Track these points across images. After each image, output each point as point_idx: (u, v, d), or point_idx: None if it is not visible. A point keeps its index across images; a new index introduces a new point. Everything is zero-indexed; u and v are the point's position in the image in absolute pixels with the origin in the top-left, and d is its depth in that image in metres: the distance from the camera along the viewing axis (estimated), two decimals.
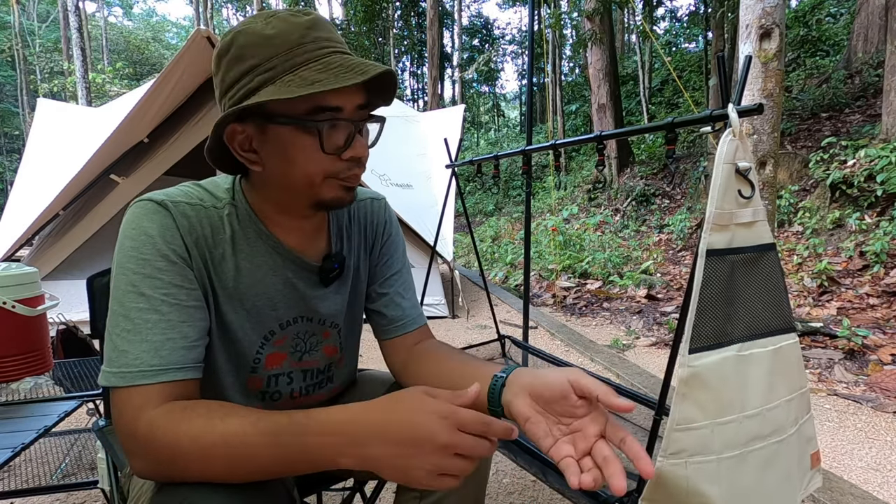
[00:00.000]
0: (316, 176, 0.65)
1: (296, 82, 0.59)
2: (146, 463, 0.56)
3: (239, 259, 0.69)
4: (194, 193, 0.68)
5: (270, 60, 0.60)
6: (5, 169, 21.18)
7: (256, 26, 0.61)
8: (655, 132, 1.06)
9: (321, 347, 0.80)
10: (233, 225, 0.69)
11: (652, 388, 2.42)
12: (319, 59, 0.61)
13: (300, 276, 0.74)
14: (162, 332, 0.59)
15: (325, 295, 0.77)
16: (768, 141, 3.02)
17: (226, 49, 0.62)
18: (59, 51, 20.02)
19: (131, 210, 0.64)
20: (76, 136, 4.68)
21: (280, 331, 0.75)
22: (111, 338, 0.59)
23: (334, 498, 1.53)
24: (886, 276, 3.66)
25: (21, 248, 3.90)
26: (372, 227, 0.86)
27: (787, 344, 0.78)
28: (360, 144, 0.66)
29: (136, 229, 0.62)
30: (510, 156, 1.61)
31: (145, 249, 0.61)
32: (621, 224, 8.10)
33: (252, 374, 0.75)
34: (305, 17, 0.62)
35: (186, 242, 0.64)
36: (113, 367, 0.58)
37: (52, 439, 1.90)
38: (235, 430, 0.54)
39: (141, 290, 0.60)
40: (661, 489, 0.72)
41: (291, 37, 0.60)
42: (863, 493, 1.55)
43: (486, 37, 26.98)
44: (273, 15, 0.62)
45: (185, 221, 0.65)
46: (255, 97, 0.59)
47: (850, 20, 9.74)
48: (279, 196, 0.69)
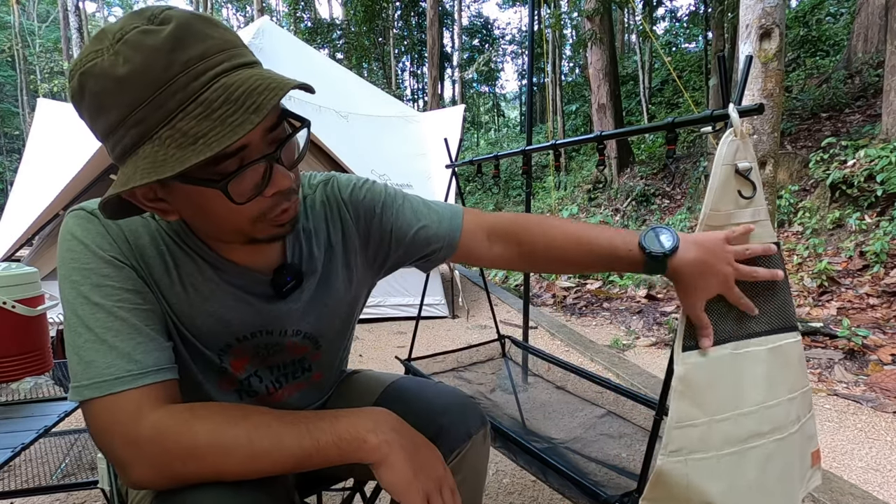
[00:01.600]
0: (241, 224, 0.57)
1: (176, 140, 0.47)
2: (152, 469, 0.53)
3: (182, 275, 0.64)
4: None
5: (136, 112, 0.47)
6: (5, 169, 21.18)
7: (104, 62, 0.47)
8: (655, 132, 1.06)
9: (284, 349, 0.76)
10: (167, 240, 0.63)
11: (652, 388, 2.42)
12: (196, 96, 0.48)
13: (251, 290, 0.68)
14: (129, 338, 0.56)
15: (283, 307, 0.70)
16: (768, 141, 3.02)
17: (78, 95, 0.50)
18: (59, 51, 20.03)
19: (65, 222, 0.60)
20: (76, 136, 4.68)
21: (237, 343, 0.70)
22: (75, 352, 0.55)
23: (334, 498, 1.53)
24: (886, 276, 3.66)
25: (21, 248, 3.90)
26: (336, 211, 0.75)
27: (787, 342, 0.78)
28: (280, 176, 0.55)
29: (71, 240, 0.59)
30: (510, 156, 1.61)
31: (87, 259, 0.58)
32: (621, 224, 8.10)
33: (222, 375, 0.73)
34: (162, 32, 0.47)
35: (122, 250, 0.60)
36: (83, 380, 0.54)
37: (52, 439, 1.90)
38: (258, 421, 0.56)
39: (93, 300, 0.56)
40: (661, 487, 0.72)
41: (152, 74, 0.46)
42: (863, 493, 1.55)
43: (486, 37, 26.98)
44: (121, 39, 0.47)
45: (117, 229, 0.60)
46: (132, 165, 0.49)
47: (850, 20, 9.74)
48: (209, 235, 0.63)
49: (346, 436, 0.58)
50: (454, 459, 0.76)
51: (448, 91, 26.37)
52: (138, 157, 0.49)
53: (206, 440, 0.53)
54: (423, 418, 0.76)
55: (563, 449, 1.20)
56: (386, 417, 0.63)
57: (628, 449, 1.21)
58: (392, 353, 3.15)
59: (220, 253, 0.65)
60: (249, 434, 0.55)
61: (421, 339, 1.77)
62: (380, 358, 3.12)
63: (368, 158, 4.16)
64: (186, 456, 0.53)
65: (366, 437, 0.58)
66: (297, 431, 0.57)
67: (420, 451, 0.62)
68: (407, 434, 0.63)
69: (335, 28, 20.20)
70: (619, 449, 1.22)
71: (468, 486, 0.76)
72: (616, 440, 1.26)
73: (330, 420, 0.59)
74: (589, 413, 1.41)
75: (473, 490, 0.80)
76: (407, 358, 1.64)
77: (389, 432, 0.60)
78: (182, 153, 0.47)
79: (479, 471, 0.82)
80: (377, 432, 0.59)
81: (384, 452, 0.58)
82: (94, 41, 0.49)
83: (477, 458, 0.80)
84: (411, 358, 1.65)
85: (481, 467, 0.83)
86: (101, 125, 0.50)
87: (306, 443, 0.56)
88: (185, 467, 0.53)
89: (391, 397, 0.85)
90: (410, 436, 0.63)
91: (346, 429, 0.59)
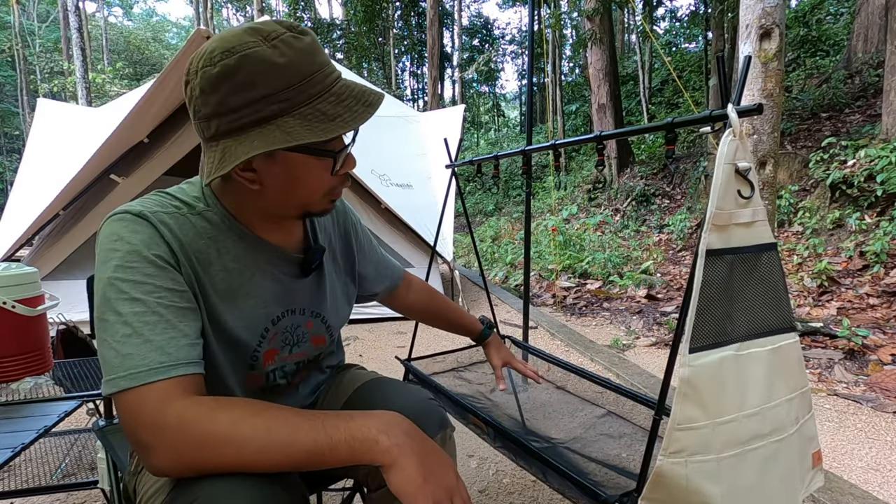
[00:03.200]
0: (317, 194, 0.70)
1: (317, 117, 0.61)
2: (174, 454, 0.56)
3: (226, 261, 0.70)
4: (167, 202, 0.69)
5: (284, 91, 0.60)
6: (5, 169, 21.18)
7: (264, 52, 0.59)
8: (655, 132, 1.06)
9: (308, 338, 0.83)
10: (213, 229, 0.70)
11: (652, 388, 2.42)
12: (330, 88, 0.63)
13: (284, 269, 0.77)
14: (163, 332, 0.60)
15: (304, 285, 0.80)
16: (768, 141, 3.02)
17: (231, 72, 0.59)
18: (59, 51, 20.02)
19: (108, 224, 0.64)
20: (76, 136, 4.68)
21: (272, 327, 0.77)
22: (110, 346, 0.59)
23: (334, 498, 1.53)
24: (886, 276, 3.66)
25: (21, 248, 3.89)
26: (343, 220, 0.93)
27: (786, 343, 0.78)
28: (351, 160, 0.71)
29: (118, 241, 0.62)
30: (510, 156, 1.61)
31: (130, 258, 0.61)
32: (621, 224, 8.10)
33: (251, 370, 0.76)
34: (306, 40, 0.62)
35: (173, 248, 0.65)
36: (119, 372, 0.57)
37: (52, 439, 1.90)
38: (277, 414, 0.59)
39: (134, 296, 0.60)
40: (660, 488, 0.72)
41: (302, 67, 0.61)
42: (863, 493, 1.55)
43: (486, 37, 26.98)
44: (277, 37, 0.60)
45: (166, 229, 0.65)
46: (277, 131, 0.60)
47: (850, 20, 9.74)
48: (268, 208, 0.71)
49: (359, 435, 0.59)
50: None
51: (448, 91, 26.37)
52: (277, 127, 0.60)
53: (225, 429, 0.56)
54: None
55: (562, 449, 1.20)
56: (399, 421, 0.63)
57: (628, 449, 1.21)
58: (392, 353, 3.15)
59: (260, 235, 0.73)
60: (268, 424, 0.57)
61: (421, 339, 1.77)
62: (380, 358, 3.12)
63: (368, 158, 4.16)
64: (206, 443, 0.56)
65: (378, 438, 0.59)
66: (313, 426, 0.59)
67: (431, 458, 0.62)
68: (419, 440, 0.63)
69: (335, 28, 20.21)
70: (619, 449, 1.21)
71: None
72: (616, 440, 1.26)
73: (345, 419, 0.61)
74: (589, 413, 1.41)
75: None
76: (407, 358, 1.64)
77: (401, 435, 0.61)
78: (326, 126, 0.61)
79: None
80: (389, 435, 0.60)
81: (395, 455, 0.59)
82: (246, 34, 0.60)
83: None
84: (411, 358, 1.65)
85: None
86: (241, 98, 0.60)
87: (321, 438, 0.58)
88: (204, 454, 0.56)
89: (357, 399, 0.87)
90: (422, 442, 0.63)
91: (359, 428, 0.60)
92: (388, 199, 3.97)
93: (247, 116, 0.60)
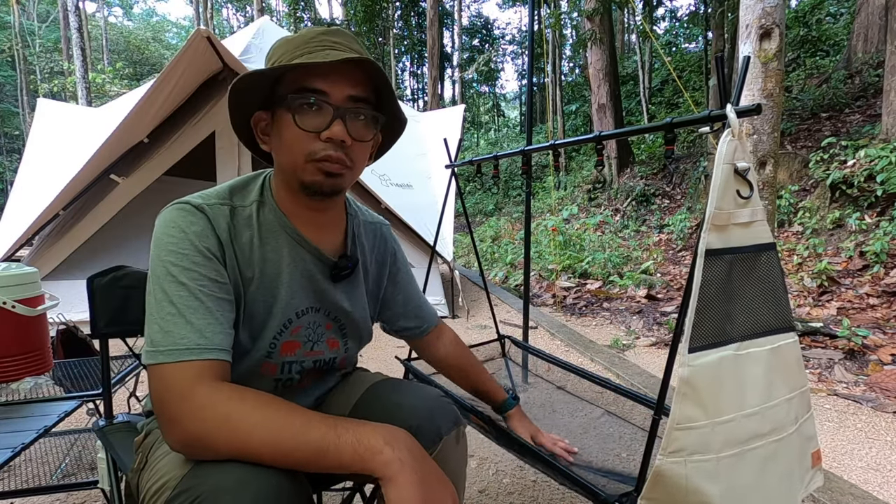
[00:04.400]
0: (298, 155, 0.72)
1: (284, 62, 0.69)
2: (193, 429, 0.60)
3: (266, 250, 0.76)
4: (225, 195, 0.76)
5: (283, 55, 0.70)
6: (5, 169, 21.18)
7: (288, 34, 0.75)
8: (655, 132, 1.06)
9: (325, 339, 0.86)
10: (260, 220, 0.76)
11: (652, 387, 2.42)
12: (315, 51, 0.69)
13: (316, 267, 0.81)
14: (203, 317, 0.65)
15: (332, 289, 0.83)
16: (768, 141, 3.03)
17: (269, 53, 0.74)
18: (59, 51, 20.02)
19: (169, 211, 0.71)
20: (76, 136, 4.69)
21: (296, 319, 0.80)
22: (156, 321, 0.64)
23: (334, 498, 1.53)
24: (886, 276, 3.66)
25: (21, 248, 3.89)
26: (383, 248, 0.97)
27: (785, 343, 0.78)
28: (338, 128, 0.70)
29: (175, 227, 0.68)
30: (510, 156, 1.61)
31: (183, 245, 0.68)
32: (621, 224, 8.10)
33: (267, 359, 0.79)
34: (328, 28, 0.73)
35: (221, 240, 0.71)
36: (160, 346, 0.63)
37: (52, 439, 1.90)
38: (294, 407, 0.63)
39: (181, 280, 0.66)
40: (660, 488, 0.72)
41: (306, 36, 0.71)
42: (863, 493, 1.56)
43: (486, 37, 26.98)
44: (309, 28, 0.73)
45: (219, 222, 0.72)
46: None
47: (850, 20, 9.74)
48: (283, 178, 0.77)
49: (365, 441, 0.61)
50: None
51: (448, 91, 26.38)
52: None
53: (245, 411, 0.60)
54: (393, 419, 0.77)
55: None
56: (405, 437, 0.64)
57: (628, 449, 1.22)
58: (392, 353, 3.15)
59: (300, 230, 0.78)
60: (284, 413, 0.61)
61: None
62: (380, 358, 3.12)
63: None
64: (225, 423, 0.59)
65: (382, 448, 0.61)
66: (325, 422, 0.62)
67: (431, 479, 0.62)
68: (421, 459, 0.63)
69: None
70: (618, 448, 1.22)
71: None
72: (616, 440, 1.26)
73: (354, 424, 0.63)
74: (589, 413, 1.41)
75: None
76: (407, 358, 1.64)
77: (404, 451, 0.62)
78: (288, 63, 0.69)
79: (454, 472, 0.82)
80: (394, 448, 0.61)
81: (395, 469, 0.60)
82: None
83: (450, 461, 0.80)
84: (411, 358, 1.65)
85: (457, 469, 0.83)
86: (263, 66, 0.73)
87: (330, 436, 0.60)
88: (222, 434, 0.59)
89: (368, 399, 0.87)
90: (424, 461, 0.64)
91: (366, 435, 0.62)
92: (388, 198, 3.97)
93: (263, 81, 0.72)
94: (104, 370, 1.06)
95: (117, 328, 1.02)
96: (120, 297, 1.01)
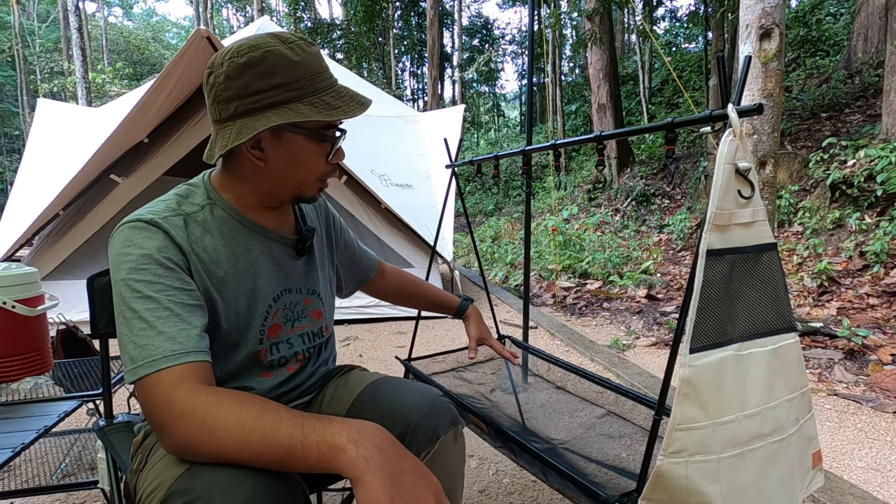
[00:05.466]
0: (311, 177, 0.80)
1: (322, 106, 0.74)
2: (180, 433, 0.61)
3: (233, 247, 0.79)
4: (173, 206, 0.76)
5: (297, 82, 0.73)
6: (5, 169, 21.16)
7: (283, 50, 0.72)
8: (655, 132, 1.06)
9: (308, 312, 0.90)
10: (216, 221, 0.78)
11: (652, 388, 2.42)
12: (332, 87, 0.77)
13: (281, 251, 0.85)
14: (174, 324, 0.66)
15: (300, 265, 0.89)
16: (768, 141, 3.02)
17: (256, 62, 0.71)
18: (59, 51, 20.02)
19: (121, 232, 0.71)
20: (76, 136, 4.68)
21: (274, 303, 0.84)
22: (130, 340, 0.65)
23: (334, 498, 1.53)
24: (886, 276, 3.66)
25: (21, 248, 3.89)
26: (324, 212, 1.02)
27: (786, 343, 0.78)
28: (341, 153, 0.82)
29: (130, 246, 0.69)
30: (510, 156, 1.61)
31: (143, 261, 0.68)
32: (621, 224, 8.10)
33: (259, 345, 0.82)
34: (314, 48, 0.76)
35: (183, 249, 0.72)
36: (138, 361, 0.64)
37: (52, 439, 1.90)
38: (268, 406, 0.63)
39: (147, 295, 0.67)
40: (660, 488, 0.72)
41: (312, 66, 0.74)
42: (863, 493, 1.55)
43: (486, 37, 26.96)
44: (293, 42, 0.73)
45: (176, 233, 0.72)
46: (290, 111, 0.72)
47: (850, 20, 9.74)
48: (268, 189, 0.80)
49: (329, 440, 0.59)
50: (423, 460, 0.76)
51: (448, 91, 26.37)
52: (289, 109, 0.72)
53: (223, 412, 0.61)
54: (391, 418, 0.79)
55: (562, 449, 1.20)
56: (374, 433, 0.61)
57: (628, 449, 1.21)
58: (392, 353, 3.15)
59: (258, 221, 0.82)
60: (259, 413, 0.61)
61: (421, 339, 1.77)
62: (380, 358, 3.12)
63: (368, 158, 4.16)
64: (206, 424, 0.60)
65: (345, 446, 0.58)
66: (294, 423, 0.61)
67: (405, 478, 0.59)
68: (392, 456, 0.60)
69: (335, 28, 20.19)
70: (619, 449, 1.22)
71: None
72: (616, 440, 1.26)
73: (324, 422, 0.61)
74: (589, 413, 1.41)
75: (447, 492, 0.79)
76: (407, 358, 1.64)
77: (371, 448, 0.58)
78: (330, 112, 0.74)
79: (452, 472, 0.82)
80: (358, 445, 0.58)
81: (360, 469, 0.57)
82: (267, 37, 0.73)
83: (448, 460, 0.80)
84: (411, 358, 1.65)
85: (455, 468, 0.83)
86: (262, 83, 0.71)
87: (297, 436, 0.59)
88: (204, 436, 0.60)
89: (366, 398, 0.88)
90: (397, 459, 0.60)
91: (331, 433, 0.59)
92: (388, 199, 3.97)
93: (266, 99, 0.71)
94: (104, 370, 1.06)
95: None
96: None
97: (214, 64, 0.74)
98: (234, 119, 0.73)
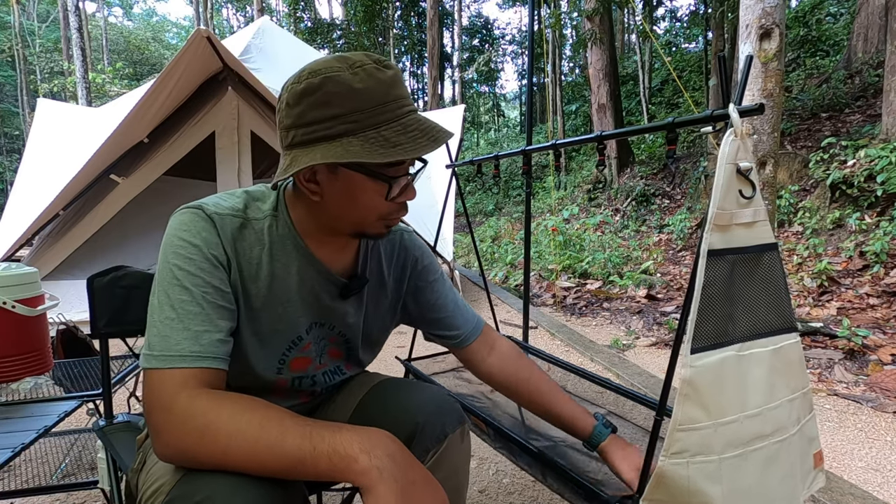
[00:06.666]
0: (371, 216, 0.72)
1: (379, 142, 0.65)
2: (176, 439, 0.59)
3: (275, 267, 0.75)
4: (239, 206, 0.74)
5: (355, 113, 0.65)
6: (5, 169, 21.16)
7: (345, 76, 0.64)
8: (655, 132, 1.05)
9: (327, 350, 0.86)
10: (272, 235, 0.75)
11: (652, 388, 2.42)
12: (399, 118, 0.67)
13: (326, 288, 0.80)
14: (201, 324, 0.65)
15: (340, 305, 0.83)
16: (768, 141, 3.02)
17: (313, 90, 0.65)
18: (59, 51, 20.01)
19: (182, 214, 0.70)
20: (76, 136, 4.68)
21: (306, 336, 0.80)
22: (155, 325, 0.64)
23: (334, 498, 1.53)
24: (886, 276, 3.66)
25: (21, 248, 3.89)
26: (403, 257, 0.92)
27: (787, 343, 0.78)
28: (412, 191, 0.74)
29: (185, 231, 0.68)
30: (510, 156, 1.61)
31: (191, 251, 0.67)
32: (621, 224, 8.10)
33: (278, 374, 0.80)
34: (388, 73, 0.67)
35: (227, 251, 0.70)
36: (155, 350, 0.63)
37: (52, 439, 1.90)
38: (273, 415, 0.60)
39: (184, 285, 0.65)
40: (662, 489, 0.72)
41: (376, 95, 0.65)
42: (863, 493, 1.55)
43: (486, 37, 26.95)
44: (360, 66, 0.65)
45: (228, 233, 0.71)
46: (339, 147, 0.64)
47: (850, 20, 9.74)
48: (327, 222, 0.75)
49: (340, 450, 0.58)
50: (431, 459, 0.76)
51: (448, 91, 26.37)
52: (340, 144, 0.64)
53: (224, 420, 0.59)
54: (398, 418, 0.77)
55: (563, 449, 1.20)
56: (386, 443, 0.60)
57: None
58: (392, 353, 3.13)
59: (312, 250, 0.77)
60: (262, 422, 0.59)
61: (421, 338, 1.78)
62: (380, 358, 3.10)
63: None
64: (205, 432, 0.58)
65: (358, 456, 0.57)
66: (302, 432, 0.59)
67: (416, 489, 0.59)
68: (404, 466, 0.60)
69: (335, 28, 20.18)
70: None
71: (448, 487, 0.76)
72: None
73: (332, 430, 0.60)
74: None
75: (453, 491, 0.79)
76: (407, 358, 1.64)
77: (384, 458, 0.58)
78: (385, 150, 0.64)
79: (458, 471, 0.82)
80: (371, 455, 0.57)
81: (373, 479, 0.56)
82: (334, 61, 0.66)
83: (455, 458, 0.80)
84: (411, 358, 1.65)
85: (461, 467, 0.83)
86: (317, 114, 0.65)
87: (305, 445, 0.58)
88: (203, 444, 0.58)
89: (372, 399, 0.87)
90: (408, 469, 0.60)
91: (342, 443, 0.58)
92: None
93: (319, 131, 0.65)
94: (104, 370, 1.06)
95: (117, 328, 1.01)
96: (120, 297, 1.01)
97: (284, 87, 0.69)
98: (291, 149, 0.68)
